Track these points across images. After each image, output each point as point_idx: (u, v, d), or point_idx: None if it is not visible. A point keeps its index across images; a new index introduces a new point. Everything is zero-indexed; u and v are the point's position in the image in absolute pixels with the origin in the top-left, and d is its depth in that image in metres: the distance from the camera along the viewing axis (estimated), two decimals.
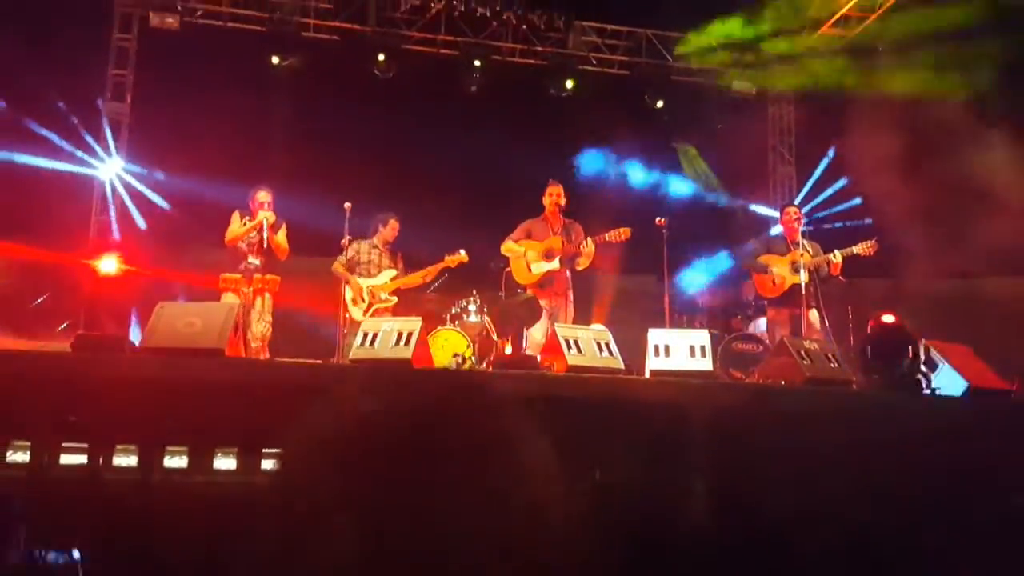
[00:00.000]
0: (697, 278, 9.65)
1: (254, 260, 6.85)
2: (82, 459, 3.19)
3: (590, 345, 4.91)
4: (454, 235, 7.90)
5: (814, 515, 3.49)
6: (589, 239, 6.93)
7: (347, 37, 10.72)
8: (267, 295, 6.88)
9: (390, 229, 7.71)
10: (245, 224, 6.93)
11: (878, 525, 3.40)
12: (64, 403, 3.16)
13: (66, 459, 3.19)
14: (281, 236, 7.00)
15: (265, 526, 0.95)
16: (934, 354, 4.62)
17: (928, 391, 4.51)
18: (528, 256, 7.07)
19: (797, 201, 11.07)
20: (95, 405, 3.19)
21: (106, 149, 10.12)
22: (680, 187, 11.35)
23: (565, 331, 5.00)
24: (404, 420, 1.00)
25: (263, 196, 6.98)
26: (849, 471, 3.57)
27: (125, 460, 3.27)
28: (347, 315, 7.29)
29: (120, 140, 10.22)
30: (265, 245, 6.83)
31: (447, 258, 7.65)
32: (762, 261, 7.40)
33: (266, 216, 6.85)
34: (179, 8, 10.29)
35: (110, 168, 10.05)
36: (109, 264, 7.83)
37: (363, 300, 7.45)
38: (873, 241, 6.95)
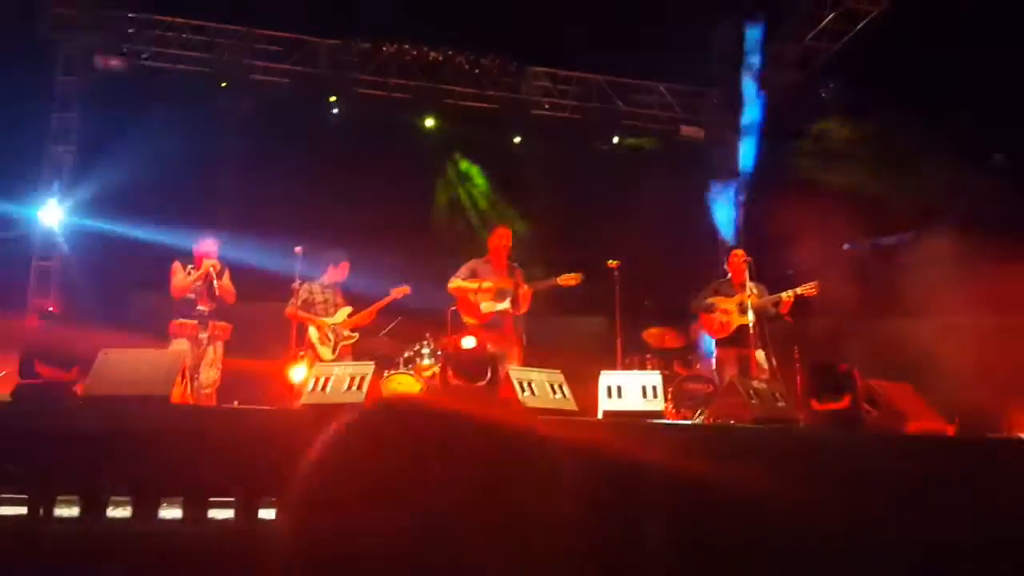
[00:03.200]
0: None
1: (203, 308, 6.81)
2: (22, 510, 3.09)
3: (544, 387, 4.93)
4: (401, 276, 7.95)
5: (766, 550, 3.53)
6: (526, 285, 7.00)
7: (297, 80, 10.73)
8: (219, 343, 6.90)
9: (341, 269, 7.76)
10: (190, 273, 6.88)
11: (827, 558, 3.46)
12: (1, 453, 3.06)
13: (4, 511, 3.08)
14: (227, 280, 7.03)
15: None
16: (875, 392, 4.74)
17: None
18: (479, 295, 7.05)
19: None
20: (35, 454, 3.10)
21: (48, 192, 9.91)
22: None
23: (519, 373, 5.01)
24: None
25: (209, 245, 6.98)
26: (796, 506, 3.63)
27: (67, 511, 3.18)
28: (313, 356, 7.30)
29: (63, 183, 10.02)
30: (216, 292, 6.79)
31: (392, 291, 7.71)
32: (710, 302, 7.54)
33: (211, 264, 6.83)
34: (125, 50, 10.20)
35: (52, 212, 9.84)
36: (50, 310, 7.64)
37: (329, 339, 7.47)
38: (815, 283, 7.14)
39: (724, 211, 12.26)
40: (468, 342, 6.12)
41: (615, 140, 11.63)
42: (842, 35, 10.39)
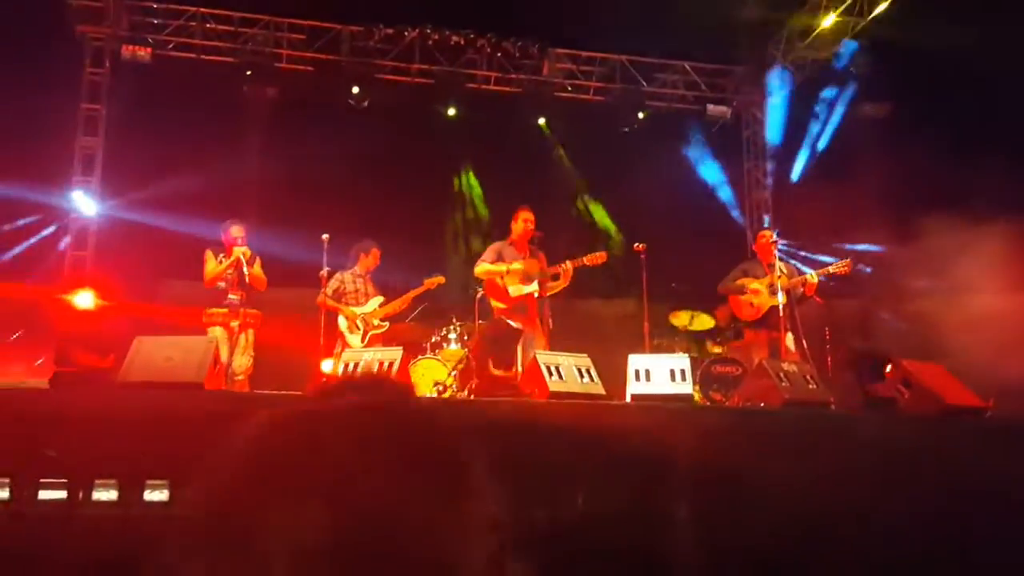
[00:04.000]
0: None
1: (234, 296, 6.83)
2: (62, 494, 3.14)
3: (571, 371, 4.92)
4: (429, 262, 7.96)
5: (800, 537, 3.51)
6: (568, 262, 6.94)
7: (321, 67, 10.76)
8: (250, 330, 6.92)
9: (372, 257, 7.76)
10: (221, 262, 6.90)
11: (864, 543, 3.43)
12: (42, 438, 3.12)
13: (45, 494, 3.14)
14: (257, 268, 7.01)
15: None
16: (909, 374, 4.68)
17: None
18: (507, 279, 7.02)
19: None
20: (74, 440, 3.15)
21: (79, 183, 10.05)
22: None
23: (546, 358, 5.01)
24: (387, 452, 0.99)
25: (236, 231, 6.96)
26: (831, 491, 3.60)
27: (105, 495, 3.23)
28: (343, 344, 7.34)
29: (93, 174, 10.16)
30: (246, 280, 6.81)
31: (426, 281, 7.71)
32: (739, 284, 7.48)
33: (242, 251, 6.83)
34: (151, 41, 10.28)
35: (84, 202, 9.98)
36: (85, 299, 7.74)
37: (358, 328, 7.49)
38: (848, 260, 7.05)
39: (752, 192, 12.15)
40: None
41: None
42: (873, 7, 10.16)
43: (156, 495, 3.41)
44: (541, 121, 11.41)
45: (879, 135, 10.03)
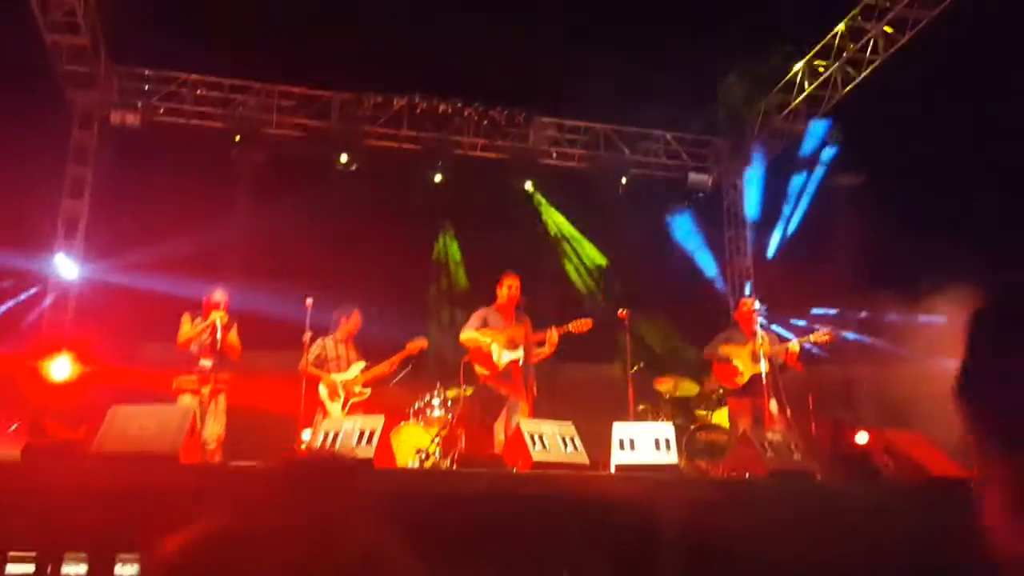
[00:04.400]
0: None
1: (206, 361, 6.73)
2: (29, 568, 3.05)
3: (555, 440, 4.88)
4: (413, 325, 7.91)
5: None
6: (553, 328, 6.95)
7: (310, 133, 10.88)
8: (222, 396, 6.81)
9: (353, 322, 7.66)
10: (197, 325, 6.85)
11: None
12: (12, 510, 3.04)
13: (12, 568, 3.04)
14: (233, 336, 6.94)
15: None
16: (892, 443, 4.67)
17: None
18: (492, 346, 6.99)
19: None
20: (44, 512, 3.07)
21: (62, 246, 9.99)
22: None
23: (530, 426, 4.97)
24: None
25: (219, 296, 6.91)
26: (816, 561, 3.55)
27: (74, 569, 3.14)
28: (323, 412, 7.24)
29: (76, 237, 10.09)
30: (218, 347, 6.74)
31: (408, 345, 7.60)
32: (723, 351, 7.50)
33: (219, 316, 6.78)
34: (140, 105, 10.37)
35: (65, 265, 9.90)
36: (62, 364, 7.63)
37: (339, 395, 7.37)
38: (828, 329, 7.10)
39: (733, 260, 12.28)
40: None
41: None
42: (845, 84, 10.49)
43: (127, 569, 3.31)
44: (528, 185, 11.54)
45: (852, 208, 10.21)
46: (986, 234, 8.04)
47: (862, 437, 5.83)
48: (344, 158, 10.73)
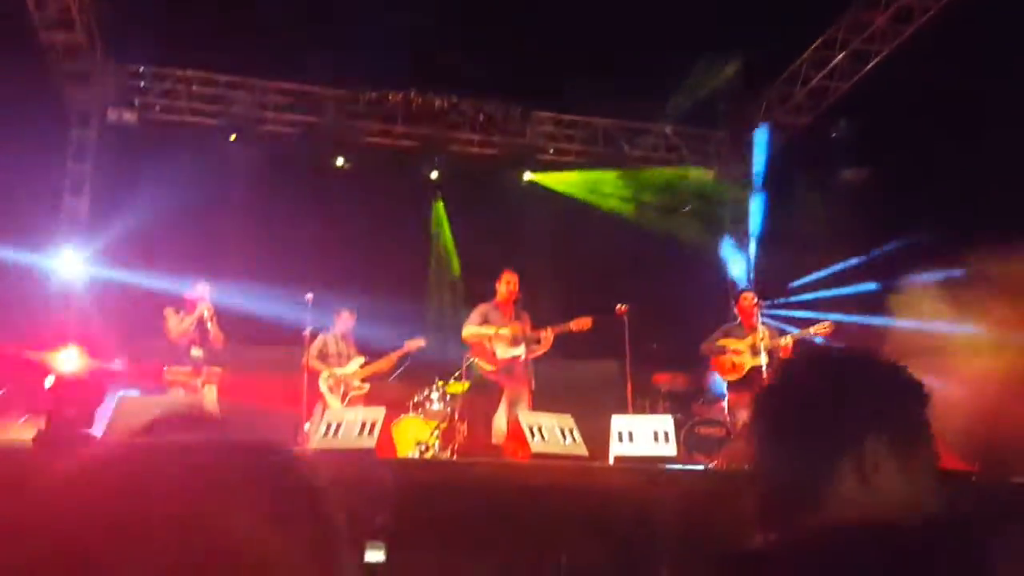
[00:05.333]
0: None
1: (197, 352, 6.88)
2: None
3: (554, 432, 4.91)
4: (414, 322, 7.98)
5: None
6: (549, 328, 6.99)
7: (305, 130, 10.89)
8: (213, 386, 6.94)
9: (343, 320, 7.86)
10: (183, 319, 6.93)
11: None
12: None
13: None
14: (215, 326, 7.11)
15: None
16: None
17: None
18: (494, 341, 7.04)
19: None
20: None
21: (64, 242, 10.01)
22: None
23: (529, 418, 5.00)
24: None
25: (202, 288, 7.10)
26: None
27: None
28: (323, 405, 7.35)
29: (78, 232, 10.12)
30: (209, 336, 6.92)
31: (407, 344, 7.75)
32: (721, 344, 7.51)
33: (205, 307, 6.94)
34: (137, 103, 10.39)
35: (69, 260, 9.92)
36: (68, 357, 7.70)
37: (339, 390, 7.54)
38: (829, 323, 7.11)
39: (735, 256, 12.27)
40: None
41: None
42: (853, 74, 10.40)
43: None
44: (527, 177, 11.48)
45: (856, 200, 10.21)
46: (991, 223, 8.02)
47: None
48: (340, 161, 10.74)
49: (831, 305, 9.72)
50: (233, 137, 10.49)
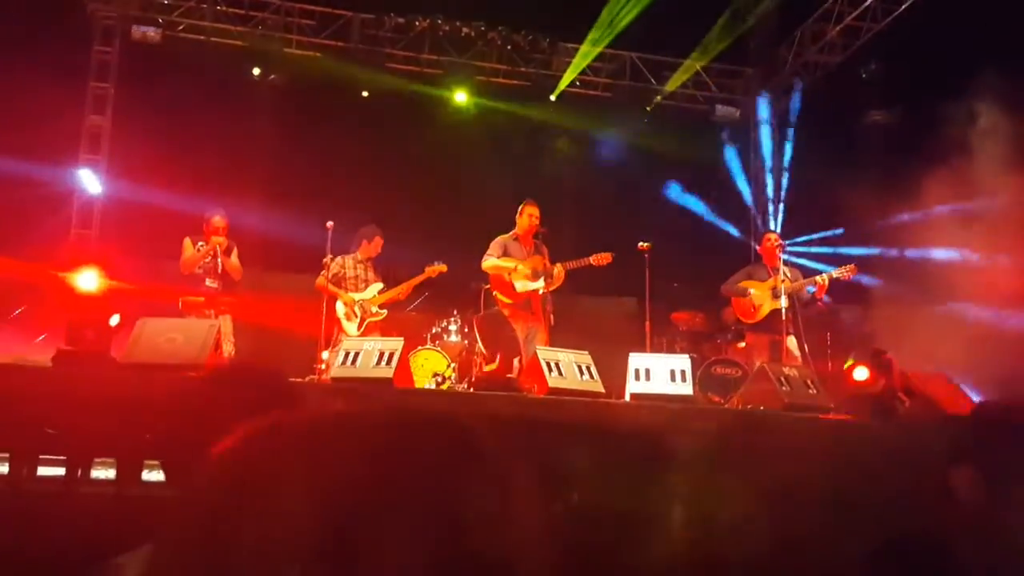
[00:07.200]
0: None
1: (212, 283, 6.91)
2: (60, 471, 3.16)
3: (571, 368, 4.93)
4: (433, 251, 7.86)
5: (791, 542, 3.51)
6: (559, 264, 6.94)
7: (330, 54, 10.74)
8: (228, 316, 6.94)
9: (375, 245, 7.61)
10: (199, 249, 6.95)
11: (854, 553, 3.43)
12: (44, 416, 3.13)
13: (44, 471, 3.15)
14: (234, 258, 7.08)
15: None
16: (911, 382, 4.69)
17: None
18: (514, 275, 6.99)
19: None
20: (74, 419, 3.16)
21: (86, 161, 10.04)
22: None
23: (547, 354, 5.02)
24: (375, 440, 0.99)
25: (218, 221, 7.00)
26: (827, 498, 3.60)
27: (103, 474, 3.24)
28: (340, 330, 7.28)
29: (100, 153, 10.15)
30: (220, 269, 6.90)
31: (427, 269, 7.58)
32: (742, 286, 7.47)
33: (218, 241, 6.90)
34: (161, 22, 10.26)
35: (90, 180, 9.97)
36: (88, 277, 7.75)
37: (355, 315, 7.37)
38: (852, 265, 7.04)
39: (760, 194, 12.12)
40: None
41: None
42: (887, 14, 10.09)
43: (154, 475, 3.42)
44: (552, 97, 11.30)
45: (885, 140, 10.01)
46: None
47: (861, 373, 5.83)
48: (365, 94, 10.61)
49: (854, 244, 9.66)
50: (257, 71, 10.39)
